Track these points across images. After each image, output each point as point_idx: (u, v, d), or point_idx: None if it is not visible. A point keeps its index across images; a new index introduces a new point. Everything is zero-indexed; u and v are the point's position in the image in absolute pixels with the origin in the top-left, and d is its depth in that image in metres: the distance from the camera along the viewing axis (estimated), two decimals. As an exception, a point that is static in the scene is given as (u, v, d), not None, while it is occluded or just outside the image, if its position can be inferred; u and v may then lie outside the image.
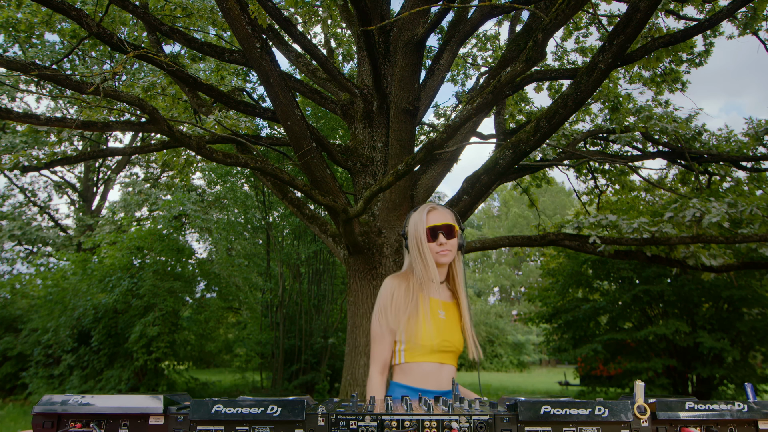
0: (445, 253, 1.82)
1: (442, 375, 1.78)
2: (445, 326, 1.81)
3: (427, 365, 1.77)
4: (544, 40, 2.95)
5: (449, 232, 1.82)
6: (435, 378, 1.77)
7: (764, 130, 6.25)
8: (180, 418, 1.21)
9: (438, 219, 1.83)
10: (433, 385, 1.77)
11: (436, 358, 1.78)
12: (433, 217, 1.84)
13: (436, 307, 1.83)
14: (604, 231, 5.29)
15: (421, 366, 1.77)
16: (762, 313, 8.62)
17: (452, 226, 1.83)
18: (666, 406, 1.24)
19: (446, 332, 1.80)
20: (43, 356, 9.72)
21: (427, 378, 1.77)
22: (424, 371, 1.77)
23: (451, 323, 1.83)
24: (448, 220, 1.83)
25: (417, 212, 1.87)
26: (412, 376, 1.78)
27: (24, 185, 16.10)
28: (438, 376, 1.78)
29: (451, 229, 1.82)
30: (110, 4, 4.57)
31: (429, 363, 1.77)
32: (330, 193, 4.12)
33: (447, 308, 1.86)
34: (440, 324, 1.80)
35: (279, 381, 11.15)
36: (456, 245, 1.85)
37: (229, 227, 12.24)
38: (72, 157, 5.45)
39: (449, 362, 1.81)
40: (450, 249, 1.82)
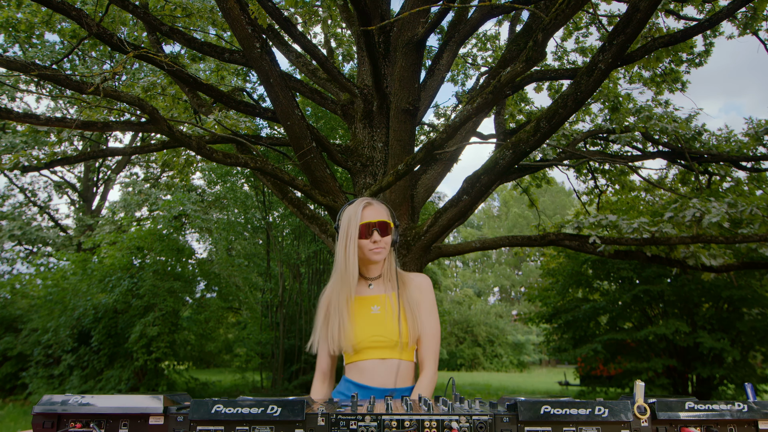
0: (379, 250, 1.76)
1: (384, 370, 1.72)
2: (379, 320, 1.74)
3: (364, 363, 1.74)
4: (544, 40, 2.95)
5: (383, 229, 1.76)
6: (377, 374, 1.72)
7: (764, 130, 6.26)
8: (180, 418, 1.21)
9: (373, 215, 1.77)
10: (378, 382, 1.71)
11: (372, 354, 1.72)
12: (368, 213, 1.77)
13: (367, 304, 1.78)
14: (604, 231, 5.30)
15: (357, 365, 1.75)
16: (762, 313, 8.61)
17: (387, 223, 1.77)
18: (666, 406, 1.24)
19: (379, 326, 1.73)
20: (43, 356, 9.72)
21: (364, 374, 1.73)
22: (361, 369, 1.74)
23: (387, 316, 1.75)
24: (384, 216, 1.78)
25: (352, 206, 1.80)
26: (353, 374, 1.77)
27: (24, 185, 16.12)
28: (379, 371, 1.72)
29: (386, 226, 1.77)
30: (110, 4, 4.57)
31: (366, 360, 1.73)
32: (330, 193, 4.12)
33: (382, 302, 1.78)
34: (372, 319, 1.75)
35: (279, 381, 11.16)
36: (389, 242, 1.80)
37: (229, 227, 12.24)
38: (72, 157, 5.45)
39: (393, 356, 1.72)
40: (383, 246, 1.76)
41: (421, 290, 1.84)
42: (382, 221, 1.76)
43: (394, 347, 1.72)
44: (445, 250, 5.09)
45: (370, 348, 1.73)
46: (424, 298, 1.83)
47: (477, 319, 28.34)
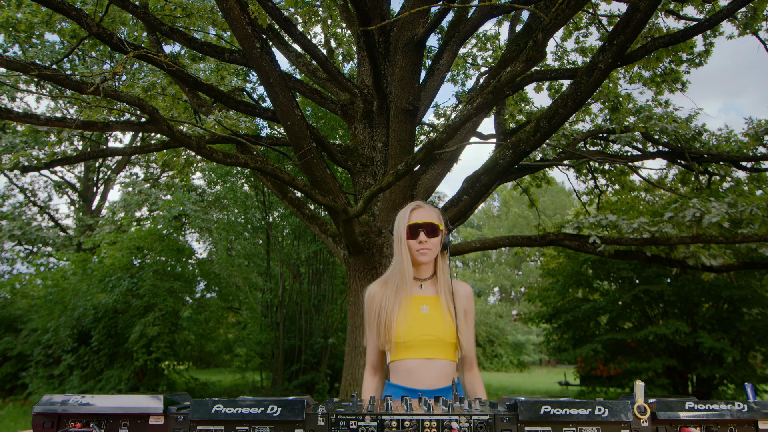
0: (425, 251, 1.80)
1: (431, 370, 1.74)
2: (428, 320, 1.77)
3: (411, 362, 1.75)
4: (544, 40, 2.95)
5: (431, 230, 1.80)
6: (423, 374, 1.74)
7: (764, 130, 6.25)
8: (180, 418, 1.21)
9: (420, 217, 1.82)
10: (423, 383, 1.73)
11: (420, 353, 1.74)
12: (416, 215, 1.83)
13: (417, 303, 1.81)
14: (604, 231, 5.30)
15: (404, 363, 1.76)
16: (762, 313, 8.61)
17: (434, 225, 1.81)
18: (666, 406, 1.24)
19: (428, 326, 1.76)
20: (43, 356, 9.72)
21: (412, 375, 1.74)
22: (408, 368, 1.75)
23: (436, 317, 1.79)
24: (432, 218, 1.82)
25: (402, 210, 1.87)
26: (399, 374, 1.77)
27: (24, 185, 16.11)
28: (426, 372, 1.74)
29: (434, 228, 1.81)
30: (110, 4, 4.57)
31: (412, 359, 1.75)
32: (330, 193, 4.12)
33: (432, 303, 1.82)
34: (422, 318, 1.78)
35: (279, 381, 11.15)
36: (437, 244, 1.83)
37: (229, 227, 12.24)
38: (72, 157, 5.45)
39: (439, 356, 1.75)
40: (430, 248, 1.80)
41: (469, 299, 1.89)
42: (428, 222, 1.80)
43: (441, 346, 1.75)
44: (445, 250, 5.08)
45: (418, 346, 1.75)
46: (471, 305, 1.89)
47: (477, 319, 28.28)
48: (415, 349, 1.74)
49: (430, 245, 1.80)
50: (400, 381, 1.77)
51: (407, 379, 1.75)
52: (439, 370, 1.74)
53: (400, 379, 1.77)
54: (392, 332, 1.75)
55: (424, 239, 1.79)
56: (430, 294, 1.85)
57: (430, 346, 1.74)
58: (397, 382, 1.78)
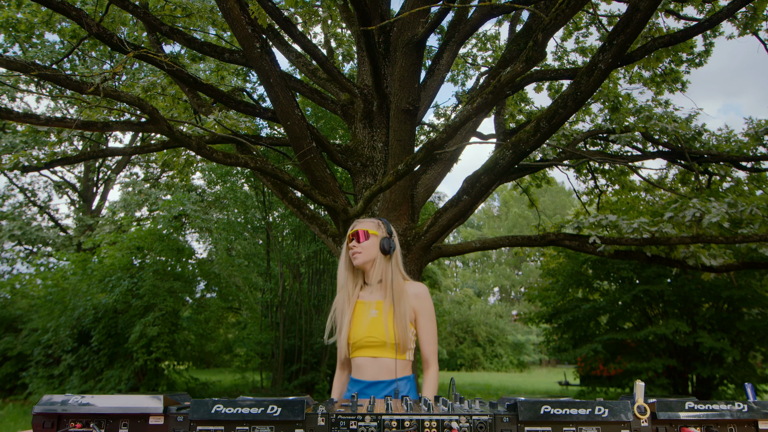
0: (355, 255, 2.03)
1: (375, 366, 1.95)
2: (374, 323, 1.97)
3: (359, 359, 1.98)
4: (544, 40, 2.95)
5: (362, 235, 2.03)
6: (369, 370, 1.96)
7: (764, 130, 6.25)
8: (180, 418, 1.21)
9: (355, 227, 2.07)
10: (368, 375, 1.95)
11: (366, 352, 1.97)
12: (353, 227, 2.08)
13: (367, 308, 2.02)
14: (604, 231, 5.29)
15: (355, 360, 2.00)
16: (762, 313, 8.61)
17: (365, 230, 2.04)
18: (666, 406, 1.24)
19: (372, 329, 1.96)
20: (43, 356, 9.71)
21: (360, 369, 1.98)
22: (357, 364, 1.99)
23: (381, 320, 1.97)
24: (365, 226, 2.06)
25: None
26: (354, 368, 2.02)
27: (24, 185, 16.10)
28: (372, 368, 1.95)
29: (365, 233, 2.03)
30: (110, 4, 4.57)
31: (361, 357, 1.98)
32: (330, 193, 4.12)
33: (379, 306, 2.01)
34: (368, 322, 1.98)
35: (279, 381, 11.15)
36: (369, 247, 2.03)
37: (229, 227, 12.24)
38: (72, 157, 5.45)
39: (382, 355, 1.94)
40: (360, 250, 2.02)
41: (419, 298, 2.03)
42: (360, 230, 2.04)
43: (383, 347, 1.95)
44: (445, 250, 5.09)
45: (364, 347, 1.97)
46: (422, 305, 2.03)
47: (477, 319, 28.34)
48: (363, 349, 1.98)
49: (360, 248, 2.02)
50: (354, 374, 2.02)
51: (357, 372, 2.00)
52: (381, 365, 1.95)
53: (354, 372, 2.02)
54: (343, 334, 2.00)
55: (355, 244, 2.03)
56: (378, 299, 2.04)
57: (373, 347, 1.96)
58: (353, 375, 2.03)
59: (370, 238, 2.03)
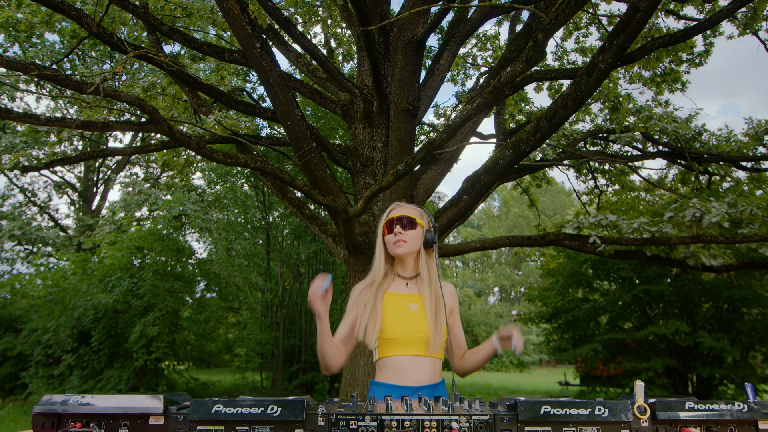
0: (400, 243, 1.80)
1: (418, 368, 1.73)
2: (417, 318, 1.77)
3: (399, 358, 1.74)
4: (544, 40, 2.95)
5: (407, 223, 1.81)
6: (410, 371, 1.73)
7: (764, 130, 6.25)
8: (180, 418, 1.21)
9: (398, 212, 1.84)
10: (409, 379, 1.72)
11: (408, 350, 1.74)
12: (395, 210, 1.86)
13: (405, 301, 1.81)
14: (604, 231, 5.29)
15: (393, 360, 1.75)
16: (762, 313, 8.61)
17: (411, 218, 1.82)
18: (666, 406, 1.24)
19: (418, 323, 1.75)
20: (43, 356, 9.71)
21: (399, 371, 1.73)
22: (396, 365, 1.74)
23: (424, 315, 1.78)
24: (410, 213, 1.83)
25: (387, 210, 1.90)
26: (387, 371, 1.76)
27: (24, 185, 16.10)
28: (413, 369, 1.73)
29: (410, 221, 1.81)
30: (110, 4, 4.57)
31: (401, 356, 1.74)
32: (330, 193, 4.12)
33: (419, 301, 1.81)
34: (411, 316, 1.77)
35: (279, 381, 11.15)
36: (414, 237, 1.82)
37: (229, 227, 12.23)
38: (72, 157, 5.45)
39: (426, 353, 1.74)
40: (405, 240, 1.80)
41: (453, 297, 1.90)
42: (405, 216, 1.81)
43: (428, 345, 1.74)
44: (445, 250, 5.09)
45: (407, 343, 1.74)
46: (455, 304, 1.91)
47: (477, 319, 28.34)
48: (404, 346, 1.74)
49: (406, 237, 1.80)
50: (387, 378, 1.75)
51: (394, 376, 1.74)
52: (426, 367, 1.74)
53: (387, 376, 1.76)
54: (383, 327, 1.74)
55: (400, 231, 1.80)
56: (416, 292, 1.85)
57: (418, 343, 1.74)
58: (383, 379, 1.76)
59: (417, 227, 1.82)
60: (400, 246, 1.81)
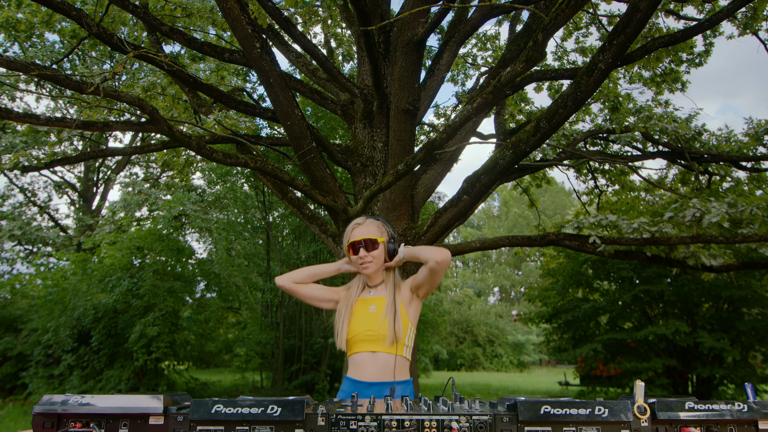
0: (366, 265, 2.02)
1: (377, 363, 1.91)
2: (372, 318, 1.96)
3: (358, 355, 1.95)
4: (544, 40, 2.95)
5: (369, 245, 2.00)
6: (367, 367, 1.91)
7: (764, 130, 6.25)
8: (180, 418, 1.21)
9: (358, 234, 2.02)
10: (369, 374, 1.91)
11: (365, 347, 1.93)
12: (356, 232, 2.03)
13: (366, 304, 2.01)
14: (604, 231, 5.29)
15: (354, 357, 1.97)
16: (762, 313, 8.61)
17: (372, 240, 2.00)
18: (666, 406, 1.24)
19: (371, 323, 1.94)
20: (43, 356, 9.71)
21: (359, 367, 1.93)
22: (357, 361, 1.95)
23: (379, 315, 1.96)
24: (370, 234, 2.01)
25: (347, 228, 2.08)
26: (352, 367, 1.97)
27: (24, 185, 16.10)
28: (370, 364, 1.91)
29: (372, 242, 2.00)
30: (110, 4, 4.57)
31: (360, 353, 1.94)
32: (330, 193, 4.12)
33: (379, 302, 2.01)
34: (367, 317, 1.97)
35: (279, 381, 11.15)
36: (378, 255, 2.02)
37: (229, 227, 12.24)
38: (72, 157, 5.45)
39: (383, 350, 1.91)
40: (371, 261, 2.01)
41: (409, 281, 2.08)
42: (366, 239, 2.00)
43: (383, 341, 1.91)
44: (445, 250, 5.07)
45: (362, 341, 1.94)
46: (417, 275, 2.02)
47: (477, 319, 28.33)
48: (361, 344, 1.95)
49: (371, 257, 2.01)
50: (352, 373, 1.97)
51: (355, 371, 1.95)
52: (382, 362, 1.91)
53: (352, 372, 1.97)
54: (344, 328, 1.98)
55: (364, 254, 2.00)
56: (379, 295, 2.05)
57: (371, 341, 1.93)
58: (350, 375, 1.98)
59: (379, 246, 2.02)
60: (367, 267, 2.02)
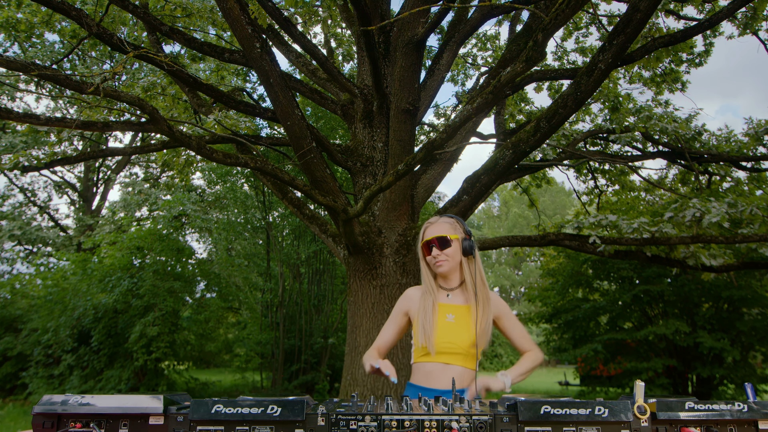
0: (440, 264, 1.95)
1: (447, 375, 1.85)
2: (452, 329, 1.89)
3: (430, 365, 1.89)
4: (544, 40, 2.95)
5: (442, 243, 1.94)
6: (438, 377, 1.86)
7: (764, 130, 6.25)
8: (180, 418, 1.21)
9: (431, 233, 1.97)
10: (437, 384, 1.85)
11: (439, 358, 1.87)
12: (428, 231, 1.99)
13: (444, 311, 1.93)
14: (604, 231, 5.29)
15: (424, 366, 1.90)
16: (762, 313, 8.61)
17: (445, 237, 1.94)
18: (666, 406, 1.24)
19: (451, 335, 1.88)
20: (43, 356, 9.71)
21: (430, 377, 1.88)
22: (427, 370, 1.89)
23: (459, 326, 1.90)
24: (441, 232, 1.96)
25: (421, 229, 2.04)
26: (417, 375, 1.93)
27: (24, 185, 16.10)
28: (442, 375, 1.86)
29: (444, 240, 1.94)
30: (110, 4, 4.57)
31: (431, 363, 1.88)
32: (330, 193, 4.12)
33: (458, 311, 1.93)
34: (446, 327, 1.90)
35: (279, 381, 11.15)
36: (453, 254, 1.95)
37: (229, 227, 12.23)
38: (72, 157, 5.45)
39: (456, 363, 1.87)
40: (444, 259, 1.94)
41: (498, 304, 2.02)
42: (438, 237, 1.95)
43: (459, 354, 1.88)
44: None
45: (438, 352, 1.89)
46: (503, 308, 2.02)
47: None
48: (437, 355, 1.88)
49: (444, 256, 1.94)
50: (419, 381, 1.92)
51: (425, 380, 1.89)
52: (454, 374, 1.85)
53: (418, 379, 1.92)
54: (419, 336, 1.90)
55: (437, 253, 1.94)
56: (457, 303, 1.97)
57: (448, 353, 1.88)
58: (415, 382, 1.93)
59: (453, 243, 1.95)
60: (441, 265, 1.95)
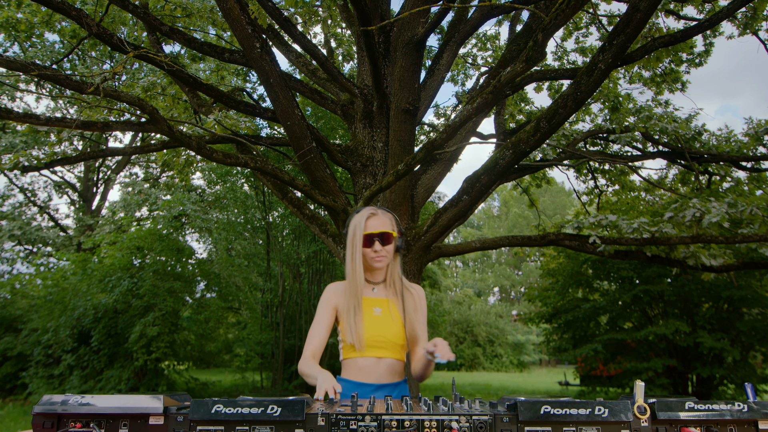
0: (380, 259, 1.89)
1: (380, 368, 1.85)
2: (380, 322, 1.88)
3: (362, 360, 1.86)
4: (544, 40, 2.95)
5: (386, 239, 1.88)
6: (372, 371, 1.85)
7: (764, 130, 6.25)
8: (180, 418, 1.21)
9: (375, 226, 1.88)
10: (371, 378, 1.85)
11: (370, 352, 1.85)
12: (372, 223, 1.89)
13: (370, 305, 1.91)
14: (604, 231, 5.29)
15: (356, 361, 1.86)
16: (762, 313, 8.61)
17: (389, 234, 1.89)
18: (666, 406, 1.24)
19: (380, 328, 1.86)
20: (43, 356, 9.71)
21: (362, 372, 1.85)
22: (359, 366, 1.86)
23: (387, 319, 1.89)
24: (386, 227, 1.89)
25: (358, 215, 1.93)
26: (350, 370, 1.88)
27: (24, 185, 16.09)
28: (375, 369, 1.85)
29: (388, 237, 1.88)
30: (110, 4, 4.57)
31: (363, 358, 1.85)
32: (330, 193, 4.12)
33: (384, 305, 1.92)
34: (374, 320, 1.87)
35: (279, 381, 11.15)
36: (391, 251, 1.92)
37: (229, 227, 12.24)
38: (72, 157, 5.45)
39: (387, 356, 1.86)
40: (384, 255, 1.89)
41: (421, 299, 2.01)
42: (383, 232, 1.88)
43: (389, 347, 1.87)
44: (445, 250, 5.09)
45: (371, 347, 1.86)
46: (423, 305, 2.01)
47: (477, 319, 28.33)
48: (368, 350, 1.86)
49: (385, 253, 1.89)
50: (352, 376, 1.87)
51: (357, 374, 1.86)
52: (386, 367, 1.87)
53: (352, 374, 1.88)
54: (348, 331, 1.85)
55: (379, 248, 1.87)
56: (381, 296, 1.96)
57: (379, 347, 1.86)
58: (348, 377, 1.88)
59: (392, 241, 1.90)
60: (380, 261, 1.90)
